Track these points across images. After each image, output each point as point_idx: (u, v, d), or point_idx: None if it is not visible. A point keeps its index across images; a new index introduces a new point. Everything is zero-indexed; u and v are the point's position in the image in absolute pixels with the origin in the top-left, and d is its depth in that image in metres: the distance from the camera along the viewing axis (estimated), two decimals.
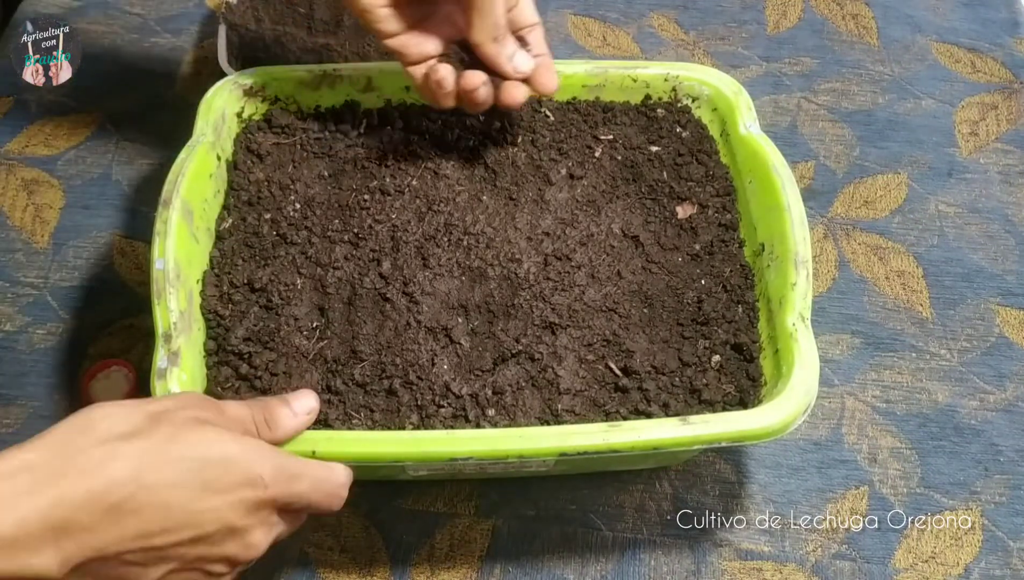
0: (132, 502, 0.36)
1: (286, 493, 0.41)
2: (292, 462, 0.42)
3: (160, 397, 0.41)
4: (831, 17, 0.86)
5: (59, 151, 0.73)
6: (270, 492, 0.40)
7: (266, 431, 0.43)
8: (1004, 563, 0.57)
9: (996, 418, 0.63)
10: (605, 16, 0.85)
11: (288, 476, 0.41)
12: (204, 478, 0.38)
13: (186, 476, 0.38)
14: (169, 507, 0.37)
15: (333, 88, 0.62)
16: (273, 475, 0.40)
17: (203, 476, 0.38)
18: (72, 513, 0.35)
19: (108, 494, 0.36)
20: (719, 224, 0.58)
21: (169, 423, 0.39)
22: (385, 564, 0.56)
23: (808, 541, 0.57)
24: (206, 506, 0.38)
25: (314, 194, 0.58)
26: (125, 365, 0.61)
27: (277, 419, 0.44)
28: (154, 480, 0.37)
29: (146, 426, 0.38)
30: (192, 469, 0.38)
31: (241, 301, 0.53)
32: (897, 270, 0.69)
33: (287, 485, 0.41)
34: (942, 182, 0.75)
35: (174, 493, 0.37)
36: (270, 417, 0.44)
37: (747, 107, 0.60)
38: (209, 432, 0.40)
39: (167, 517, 0.37)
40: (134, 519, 0.36)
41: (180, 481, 0.38)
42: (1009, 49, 0.84)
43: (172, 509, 0.37)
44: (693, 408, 0.51)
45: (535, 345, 0.51)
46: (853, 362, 0.65)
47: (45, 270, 0.67)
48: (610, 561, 0.56)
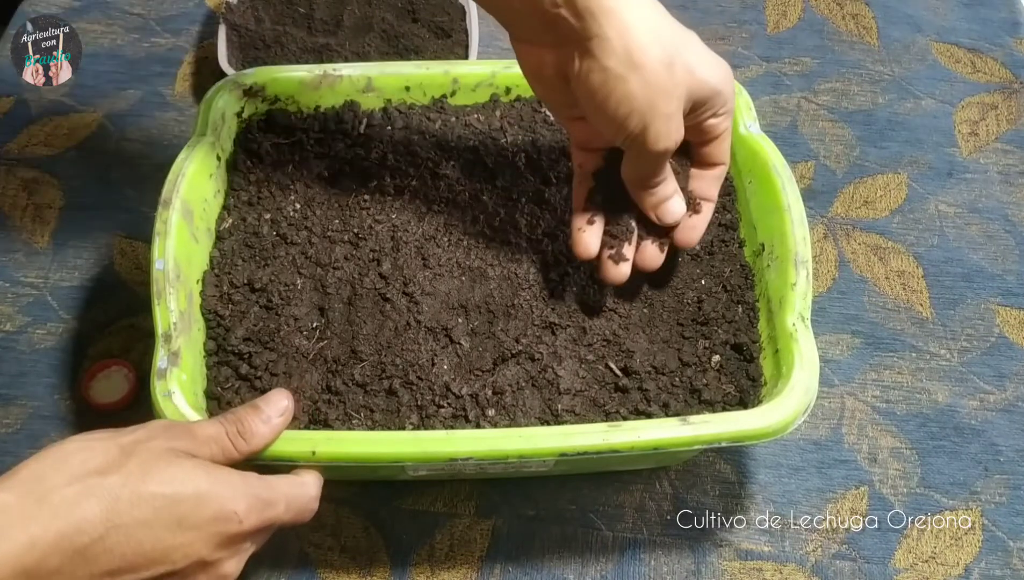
0: (103, 543, 0.36)
1: (261, 522, 0.41)
2: (265, 489, 0.42)
3: (132, 428, 0.41)
4: (831, 17, 0.86)
5: (59, 151, 0.73)
6: (245, 526, 0.40)
7: (242, 444, 0.43)
8: (1004, 563, 0.57)
9: (996, 418, 0.63)
10: None
11: (262, 505, 0.41)
12: (176, 515, 0.38)
13: (158, 514, 0.38)
14: (141, 545, 0.37)
15: (333, 88, 0.62)
16: (247, 509, 0.40)
17: (175, 513, 0.38)
18: (43, 557, 0.35)
19: (79, 535, 0.36)
20: (719, 224, 0.58)
21: (142, 456, 0.38)
22: (385, 564, 0.56)
23: (808, 541, 0.57)
24: (178, 542, 0.38)
25: (314, 194, 0.58)
26: (125, 365, 0.61)
27: (250, 429, 0.43)
28: (125, 519, 0.37)
29: (119, 460, 0.38)
30: (164, 506, 0.38)
31: (241, 301, 0.53)
32: (897, 270, 0.69)
33: (261, 514, 0.41)
34: (942, 182, 0.75)
35: (146, 531, 0.37)
36: (243, 429, 0.43)
37: (747, 107, 0.60)
38: (183, 465, 0.39)
39: (138, 554, 0.37)
40: (105, 558, 0.36)
41: (152, 519, 0.37)
42: (1009, 49, 0.84)
43: (143, 547, 0.37)
44: (693, 408, 0.51)
45: (535, 345, 0.51)
46: (853, 362, 0.65)
47: (45, 270, 0.67)
48: (610, 561, 0.56)
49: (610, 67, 0.41)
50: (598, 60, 0.41)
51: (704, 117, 0.47)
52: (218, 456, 0.42)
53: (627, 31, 0.41)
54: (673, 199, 0.49)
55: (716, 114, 0.47)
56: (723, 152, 0.50)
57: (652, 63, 0.41)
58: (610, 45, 0.41)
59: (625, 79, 0.42)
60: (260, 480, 0.42)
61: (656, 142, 0.44)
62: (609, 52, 0.41)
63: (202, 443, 0.42)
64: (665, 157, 0.46)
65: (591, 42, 0.41)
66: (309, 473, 0.45)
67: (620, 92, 0.42)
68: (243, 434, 0.43)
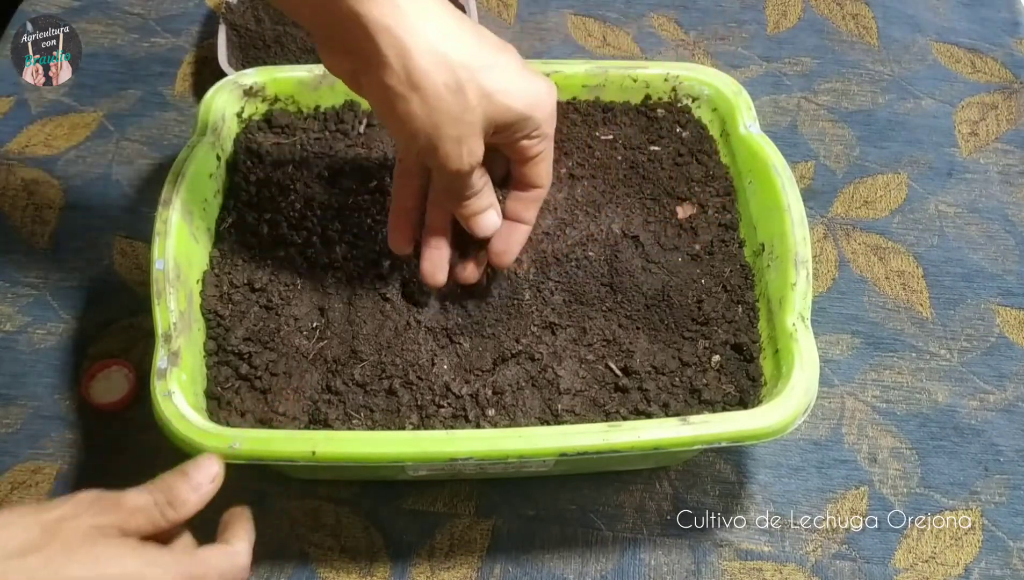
0: None
1: None
2: (195, 564, 0.40)
3: (57, 502, 0.39)
4: (831, 17, 0.86)
5: (59, 151, 0.73)
6: None
7: (171, 513, 0.41)
8: (1004, 563, 0.57)
9: (996, 418, 0.63)
10: (605, 16, 0.85)
11: None
12: None
13: None
14: None
15: (333, 88, 0.62)
16: None
17: None
18: None
19: None
20: (719, 224, 0.58)
21: (65, 535, 0.37)
22: (385, 564, 0.56)
23: (808, 541, 0.57)
24: None
25: (314, 194, 0.58)
26: (125, 365, 0.61)
27: (179, 498, 0.41)
28: None
29: (41, 540, 0.36)
30: None
31: (241, 301, 0.53)
32: (897, 270, 0.69)
33: None
34: (942, 182, 0.75)
35: None
36: (172, 498, 0.41)
37: (747, 107, 0.60)
38: (108, 545, 0.38)
39: None
40: None
41: None
42: (1009, 49, 0.84)
43: None
44: (693, 408, 0.51)
45: (535, 345, 0.51)
46: (853, 362, 0.65)
47: (45, 270, 0.67)
48: (610, 561, 0.56)
49: (391, 85, 0.40)
50: (379, 77, 0.41)
51: (515, 139, 0.45)
52: (147, 527, 0.40)
53: (406, 52, 0.40)
54: (487, 212, 0.48)
55: (528, 137, 0.45)
56: (538, 175, 0.48)
57: (433, 86, 0.40)
58: (389, 64, 0.40)
59: (406, 98, 0.41)
60: (190, 556, 0.41)
61: (447, 162, 0.43)
62: (388, 71, 0.40)
63: (130, 515, 0.40)
64: (463, 176, 0.45)
65: (372, 59, 0.40)
66: (239, 539, 0.43)
67: (401, 110, 0.41)
68: (172, 503, 0.41)
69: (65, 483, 0.58)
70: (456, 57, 0.41)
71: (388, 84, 0.40)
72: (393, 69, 0.40)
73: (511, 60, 0.44)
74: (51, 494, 0.57)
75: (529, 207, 0.50)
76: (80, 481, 0.58)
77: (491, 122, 0.43)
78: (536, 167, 0.48)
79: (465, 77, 0.41)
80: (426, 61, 0.40)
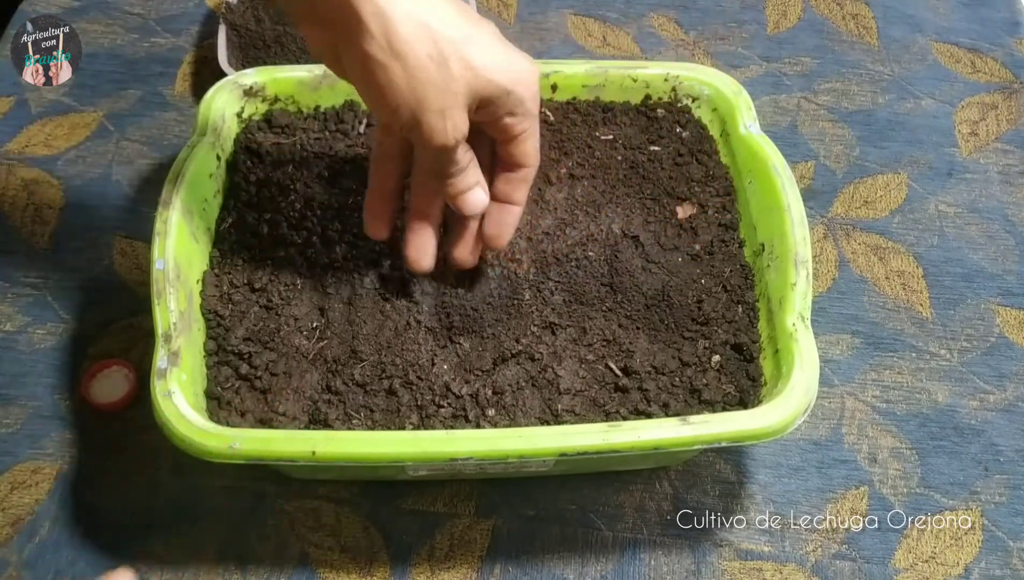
0: None
1: None
2: None
3: None
4: (831, 17, 0.86)
5: (59, 151, 0.73)
6: None
7: None
8: (1004, 563, 0.57)
9: (996, 418, 0.63)
10: (605, 16, 0.85)
11: None
12: None
13: None
14: None
15: (333, 88, 0.62)
16: None
17: None
18: None
19: None
20: (719, 224, 0.58)
21: None
22: (385, 564, 0.56)
23: (808, 541, 0.57)
24: None
25: (314, 194, 0.58)
26: (125, 365, 0.61)
27: None
28: None
29: None
30: None
31: (241, 301, 0.53)
32: (897, 270, 0.69)
33: None
34: (942, 182, 0.75)
35: None
36: None
37: (747, 107, 0.60)
38: None
39: None
40: None
41: None
42: (1009, 49, 0.84)
43: None
44: (693, 408, 0.51)
45: (535, 345, 0.51)
46: (853, 362, 0.65)
47: (45, 270, 0.67)
48: (610, 561, 0.56)
49: (372, 54, 0.40)
50: (359, 46, 0.40)
51: (498, 116, 0.45)
52: None
53: (387, 19, 0.39)
54: (474, 190, 0.47)
55: (512, 113, 0.45)
56: (525, 153, 0.47)
57: (416, 55, 0.40)
58: (369, 31, 0.39)
59: (387, 68, 0.40)
60: None
61: (432, 136, 0.42)
62: (368, 39, 0.40)
63: None
64: (448, 152, 0.44)
65: (353, 27, 0.40)
66: None
67: (383, 80, 0.40)
68: None
69: (65, 483, 0.58)
70: (438, 27, 0.40)
71: (369, 52, 0.40)
72: (374, 36, 0.39)
73: (492, 34, 0.43)
74: (51, 494, 0.57)
75: (518, 187, 0.49)
76: (80, 481, 0.58)
77: (475, 95, 0.42)
78: (522, 145, 0.47)
79: (448, 49, 0.41)
80: (407, 28, 0.40)
